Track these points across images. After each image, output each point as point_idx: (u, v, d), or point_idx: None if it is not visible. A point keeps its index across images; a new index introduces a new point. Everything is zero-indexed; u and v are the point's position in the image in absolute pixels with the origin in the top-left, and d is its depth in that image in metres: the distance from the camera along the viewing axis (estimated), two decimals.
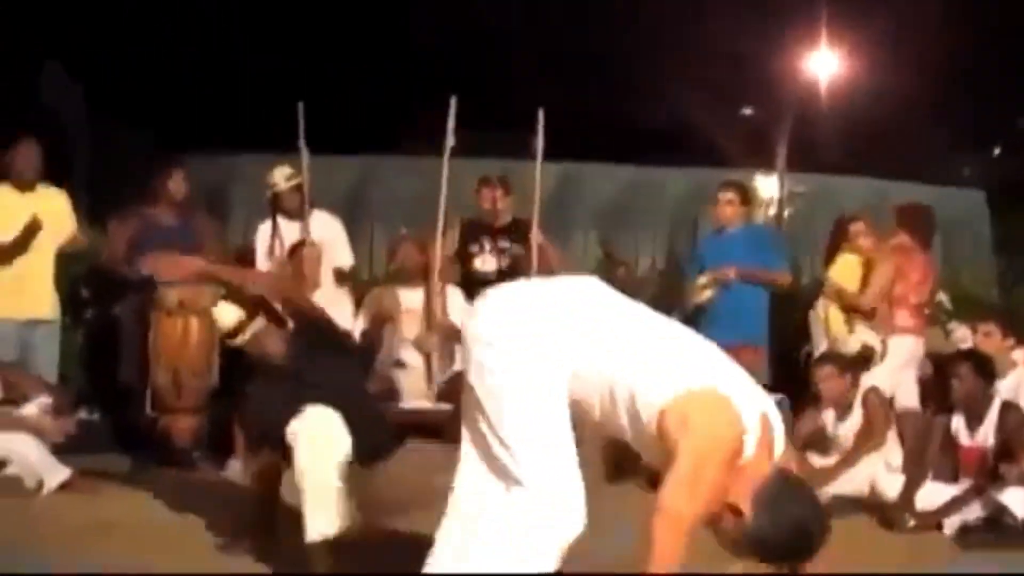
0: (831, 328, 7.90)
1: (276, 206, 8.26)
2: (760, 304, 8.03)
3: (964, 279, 10.48)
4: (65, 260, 7.98)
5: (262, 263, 8.13)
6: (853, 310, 7.80)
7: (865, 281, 7.87)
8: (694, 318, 7.69)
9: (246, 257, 8.22)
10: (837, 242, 8.25)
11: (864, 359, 7.43)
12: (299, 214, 8.12)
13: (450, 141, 8.00)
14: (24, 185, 7.72)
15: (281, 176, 8.24)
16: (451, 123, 7.99)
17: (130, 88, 14.42)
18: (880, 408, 7.02)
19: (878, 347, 7.60)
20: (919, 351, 8.05)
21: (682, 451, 3.26)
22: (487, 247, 8.39)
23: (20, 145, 7.73)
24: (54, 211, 7.74)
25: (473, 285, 8.01)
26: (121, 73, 14.38)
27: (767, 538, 3.31)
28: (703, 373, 3.42)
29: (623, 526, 4.14)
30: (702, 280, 7.92)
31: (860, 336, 7.64)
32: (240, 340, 5.24)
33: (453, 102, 7.97)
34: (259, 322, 5.24)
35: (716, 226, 8.32)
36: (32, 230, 7.59)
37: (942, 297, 8.81)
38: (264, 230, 8.29)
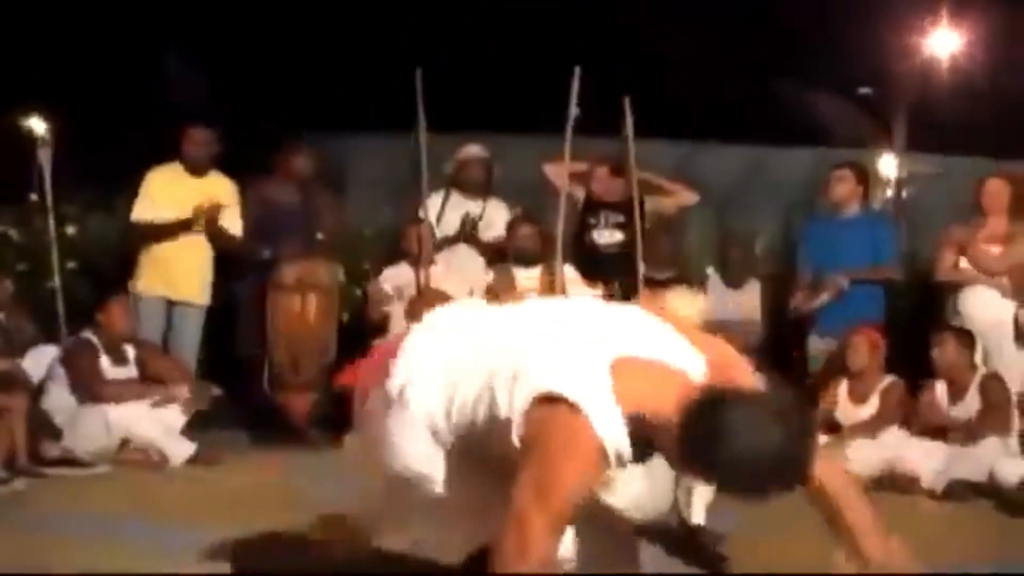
0: None
1: (457, 181, 8.43)
2: (873, 290, 7.83)
3: None
4: None
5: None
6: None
7: None
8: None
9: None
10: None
11: None
12: (480, 191, 8.37)
13: (572, 112, 7.83)
14: (197, 169, 7.90)
15: (470, 152, 8.46)
16: (574, 96, 7.80)
17: (252, 71, 14.60)
18: (1002, 395, 6.84)
19: None
20: None
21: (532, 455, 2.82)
22: (603, 221, 8.32)
23: (195, 131, 7.93)
24: (221, 197, 7.87)
25: (588, 258, 8.11)
26: (243, 57, 14.57)
27: (700, 451, 2.77)
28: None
29: None
30: (824, 298, 7.75)
31: None
32: None
33: (577, 73, 7.75)
34: None
35: (830, 207, 8.12)
36: (211, 212, 7.75)
37: None
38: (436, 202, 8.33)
